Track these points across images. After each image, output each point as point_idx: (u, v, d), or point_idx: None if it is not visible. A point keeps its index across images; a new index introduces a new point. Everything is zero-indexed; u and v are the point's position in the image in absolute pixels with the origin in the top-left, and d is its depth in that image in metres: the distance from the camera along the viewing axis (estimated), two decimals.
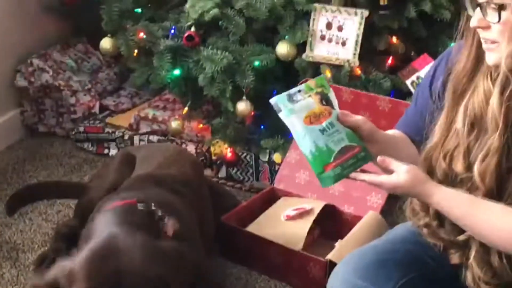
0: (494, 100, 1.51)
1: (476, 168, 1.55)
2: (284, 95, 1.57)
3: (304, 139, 1.54)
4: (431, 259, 1.72)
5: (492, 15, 1.47)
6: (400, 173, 1.54)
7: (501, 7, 1.45)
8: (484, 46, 1.53)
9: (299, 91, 1.58)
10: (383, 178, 1.56)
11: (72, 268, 1.62)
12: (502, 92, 1.49)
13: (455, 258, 1.69)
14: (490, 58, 1.53)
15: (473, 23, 1.50)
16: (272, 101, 1.57)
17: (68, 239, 2.38)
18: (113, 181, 2.29)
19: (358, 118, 1.60)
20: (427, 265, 1.72)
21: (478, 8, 1.48)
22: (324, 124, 1.55)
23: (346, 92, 2.53)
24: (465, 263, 1.65)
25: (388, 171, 1.56)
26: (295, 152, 2.60)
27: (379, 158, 1.55)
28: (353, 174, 1.57)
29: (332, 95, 1.61)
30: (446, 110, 1.64)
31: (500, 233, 1.53)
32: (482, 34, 1.51)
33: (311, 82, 1.60)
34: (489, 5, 1.47)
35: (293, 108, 1.56)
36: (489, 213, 1.53)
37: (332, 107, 1.58)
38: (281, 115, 1.56)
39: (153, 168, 2.25)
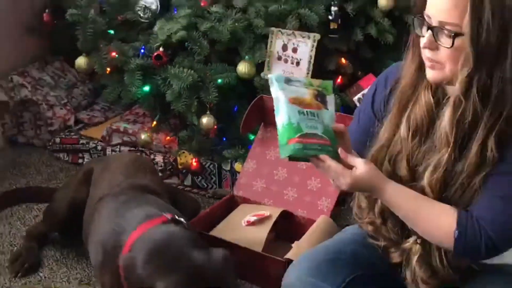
0: (446, 119, 1.52)
1: (426, 178, 1.56)
2: (283, 76, 1.55)
3: (281, 112, 1.52)
4: (375, 258, 1.74)
5: (444, 40, 1.47)
6: (359, 166, 1.53)
7: (456, 35, 1.44)
8: (427, 63, 1.53)
9: (299, 80, 1.55)
10: (345, 170, 1.53)
11: None
12: (454, 113, 1.50)
13: (395, 257, 1.71)
14: (431, 75, 1.53)
15: (424, 43, 1.50)
16: (271, 76, 1.54)
17: (38, 240, 2.43)
18: (71, 198, 2.31)
19: (345, 129, 1.57)
20: (371, 264, 1.74)
21: (430, 31, 1.48)
22: (306, 109, 1.52)
23: None
24: (406, 263, 1.67)
25: (347, 166, 1.54)
26: (252, 162, 2.60)
27: (340, 150, 1.52)
28: (323, 157, 1.52)
29: (330, 98, 1.57)
30: (391, 117, 1.65)
31: (436, 229, 1.56)
32: (429, 54, 1.50)
33: (315, 80, 1.57)
34: (441, 30, 1.47)
35: (285, 87, 1.53)
36: (430, 212, 1.56)
37: (326, 107, 1.55)
38: (272, 89, 1.54)
39: (122, 175, 2.23)
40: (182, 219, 1.90)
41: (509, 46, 1.45)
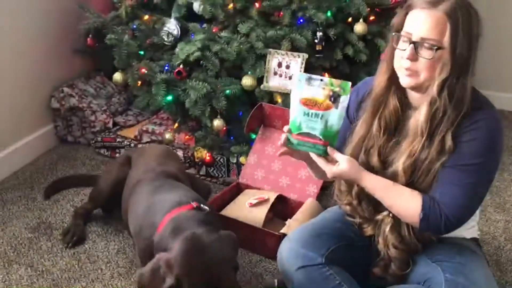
0: (423, 115, 1.51)
1: (401, 164, 1.56)
2: (307, 75, 1.52)
3: (292, 110, 1.52)
4: (352, 233, 1.75)
5: (425, 52, 1.47)
6: (342, 162, 1.54)
7: (438, 48, 1.46)
8: (405, 72, 1.52)
9: (321, 80, 1.50)
10: (330, 166, 1.55)
11: (169, 258, 1.61)
12: (429, 110, 1.50)
13: (368, 231, 1.71)
14: (407, 82, 1.53)
15: (407, 55, 1.49)
16: (298, 74, 1.51)
17: (84, 217, 2.43)
18: (114, 178, 2.32)
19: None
20: (349, 237, 1.74)
21: (412, 45, 1.48)
22: (311, 111, 1.50)
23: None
24: (378, 232, 1.67)
25: (332, 161, 1.55)
26: (254, 156, 2.59)
27: (329, 148, 1.53)
28: (313, 156, 1.54)
29: (344, 99, 1.50)
30: (366, 118, 1.64)
31: (405, 211, 1.56)
32: (409, 64, 1.49)
33: (336, 81, 1.51)
34: (422, 44, 1.47)
35: (303, 87, 1.50)
36: (400, 196, 1.55)
37: (337, 107, 1.50)
38: (293, 86, 1.52)
39: (156, 163, 2.22)
40: (206, 207, 1.86)
41: (471, 60, 1.48)
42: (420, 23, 1.48)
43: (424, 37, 1.47)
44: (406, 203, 1.55)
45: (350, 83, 1.52)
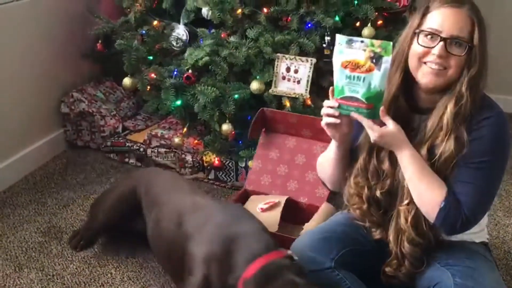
0: (449, 111, 1.51)
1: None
2: (346, 37, 1.47)
3: (334, 75, 1.49)
4: (361, 236, 1.74)
5: (455, 49, 1.49)
6: (390, 125, 1.52)
7: (469, 46, 1.48)
8: (427, 71, 1.52)
9: (361, 41, 1.45)
10: (377, 127, 1.52)
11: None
12: (455, 106, 1.51)
13: (376, 235, 1.71)
14: (427, 80, 1.53)
15: (439, 52, 1.49)
16: (337, 36, 1.47)
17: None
18: (106, 218, 2.21)
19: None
20: (358, 241, 1.74)
21: (442, 42, 1.49)
22: (353, 73, 1.45)
23: (293, 116, 2.49)
24: (393, 227, 1.64)
25: (378, 124, 1.52)
26: (258, 161, 2.57)
27: (381, 110, 1.50)
28: (358, 116, 1.49)
29: (386, 60, 1.43)
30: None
31: (429, 195, 1.54)
32: (438, 60, 1.50)
33: (376, 41, 1.45)
34: (452, 42, 1.49)
35: (344, 50, 1.46)
36: (429, 178, 1.54)
37: (379, 68, 1.44)
38: (334, 49, 1.48)
39: (187, 188, 2.07)
40: (295, 257, 1.64)
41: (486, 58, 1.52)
42: (449, 20, 1.49)
43: (455, 34, 1.49)
44: (432, 188, 1.53)
45: (391, 43, 1.46)
